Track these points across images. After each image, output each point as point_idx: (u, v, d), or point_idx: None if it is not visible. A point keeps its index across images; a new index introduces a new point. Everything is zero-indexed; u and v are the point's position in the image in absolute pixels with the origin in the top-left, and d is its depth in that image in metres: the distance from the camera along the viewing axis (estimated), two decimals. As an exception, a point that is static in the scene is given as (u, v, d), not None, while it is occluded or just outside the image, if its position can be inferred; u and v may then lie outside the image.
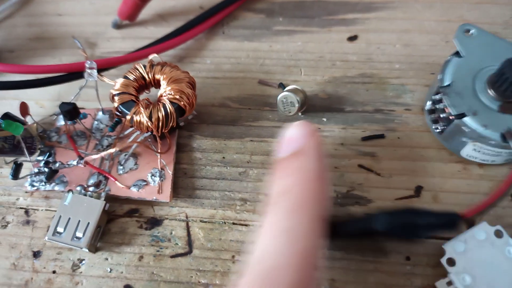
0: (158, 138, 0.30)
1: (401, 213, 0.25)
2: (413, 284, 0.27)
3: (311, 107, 0.33)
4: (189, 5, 0.40)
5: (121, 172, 0.31)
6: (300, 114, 0.32)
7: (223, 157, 0.31)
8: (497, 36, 0.30)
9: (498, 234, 0.27)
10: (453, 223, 0.25)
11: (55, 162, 0.31)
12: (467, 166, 0.30)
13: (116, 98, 0.30)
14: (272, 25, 0.38)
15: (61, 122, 0.33)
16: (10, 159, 0.31)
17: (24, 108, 0.30)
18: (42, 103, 0.35)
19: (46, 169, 0.30)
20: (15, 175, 0.30)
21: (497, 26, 0.36)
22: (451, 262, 0.26)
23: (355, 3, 0.38)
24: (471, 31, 0.30)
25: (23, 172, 0.30)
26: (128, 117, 0.29)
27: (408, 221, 0.25)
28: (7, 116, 0.30)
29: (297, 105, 0.31)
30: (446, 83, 0.29)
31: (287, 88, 0.32)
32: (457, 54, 0.30)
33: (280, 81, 0.34)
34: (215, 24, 0.38)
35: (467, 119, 0.27)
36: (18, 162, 0.30)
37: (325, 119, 0.32)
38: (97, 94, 0.32)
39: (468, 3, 0.38)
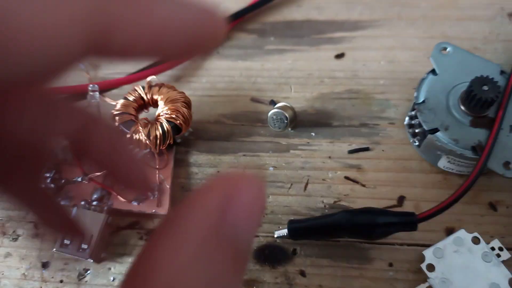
0: (156, 155, 0.32)
1: (361, 212, 0.27)
2: (396, 289, 0.28)
3: (300, 122, 0.35)
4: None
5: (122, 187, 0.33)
6: (290, 129, 0.34)
7: (218, 171, 0.34)
8: (472, 53, 0.32)
9: (475, 241, 0.29)
10: (410, 222, 0.27)
11: (61, 178, 0.33)
12: (447, 177, 0.32)
13: (116, 118, 0.32)
14: (264, 44, 0.40)
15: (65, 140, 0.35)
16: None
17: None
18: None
19: (53, 185, 0.33)
20: (24, 191, 0.32)
21: (477, 41, 0.38)
22: (431, 267, 0.28)
23: (341, 22, 0.40)
24: (447, 49, 0.32)
25: (32, 188, 0.32)
26: (128, 136, 0.32)
27: (368, 220, 0.27)
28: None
29: (286, 121, 0.33)
30: (420, 100, 0.31)
31: (277, 105, 0.34)
32: (433, 71, 0.32)
33: (271, 98, 0.36)
34: (210, 45, 0.40)
35: (439, 134, 0.29)
36: (27, 180, 0.32)
37: (313, 134, 0.34)
38: (99, 114, 0.34)
39: (449, 20, 0.40)
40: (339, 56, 0.38)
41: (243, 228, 0.15)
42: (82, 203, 0.32)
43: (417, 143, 0.32)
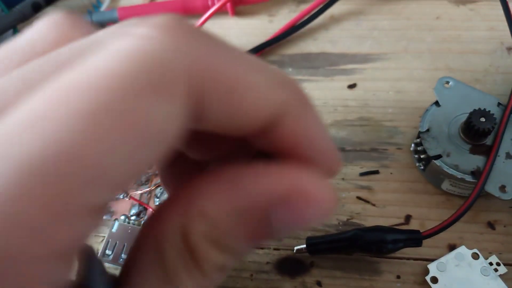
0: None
1: (372, 230, 0.31)
2: (403, 299, 0.32)
3: (317, 147, 0.39)
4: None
5: (157, 203, 0.37)
6: None
7: None
8: (472, 87, 0.36)
9: (475, 256, 0.32)
10: (416, 239, 0.31)
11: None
12: (450, 198, 0.35)
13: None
14: (282, 75, 0.44)
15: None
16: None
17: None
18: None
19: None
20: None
21: (478, 73, 0.42)
22: (435, 279, 0.31)
23: (353, 55, 0.44)
24: (449, 83, 0.36)
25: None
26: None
27: (378, 237, 0.31)
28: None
29: None
30: (425, 129, 0.34)
31: None
32: (436, 103, 0.36)
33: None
34: (234, 75, 0.44)
35: (442, 160, 0.33)
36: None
37: (328, 157, 0.38)
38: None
39: (452, 53, 0.43)
40: (351, 86, 0.42)
41: (280, 230, 0.17)
42: (122, 217, 0.36)
43: (422, 167, 0.36)
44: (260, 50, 0.44)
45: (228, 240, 0.17)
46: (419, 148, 0.35)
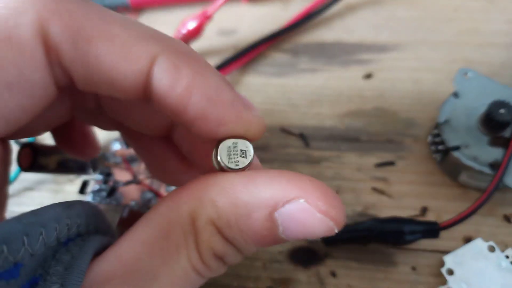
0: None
1: (389, 221, 0.31)
2: (418, 291, 0.31)
3: (331, 137, 0.38)
4: (223, 45, 0.46)
5: (168, 190, 0.36)
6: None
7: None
8: (491, 79, 0.35)
9: (491, 249, 0.31)
10: (433, 230, 0.30)
11: (115, 181, 0.36)
12: (466, 191, 0.35)
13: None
14: (297, 63, 0.43)
15: (116, 146, 0.39)
16: (73, 177, 0.37)
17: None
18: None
19: (106, 186, 0.36)
20: (82, 190, 0.35)
21: (495, 66, 0.41)
22: (450, 272, 0.31)
23: (369, 44, 0.44)
24: (468, 74, 0.35)
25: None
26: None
27: (396, 228, 0.31)
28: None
29: (251, 155, 0.20)
30: (443, 120, 0.34)
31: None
32: (455, 94, 0.35)
33: (304, 114, 0.39)
34: (247, 62, 0.43)
35: (460, 151, 0.32)
36: (86, 181, 0.35)
37: (343, 148, 0.38)
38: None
39: (470, 45, 0.43)
40: (367, 76, 0.41)
41: (286, 234, 0.18)
42: (132, 203, 0.35)
43: (439, 159, 0.35)
44: (273, 38, 0.44)
45: (232, 232, 0.18)
46: (436, 140, 0.35)
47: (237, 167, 0.19)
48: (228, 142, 0.19)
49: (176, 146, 0.26)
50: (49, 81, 0.17)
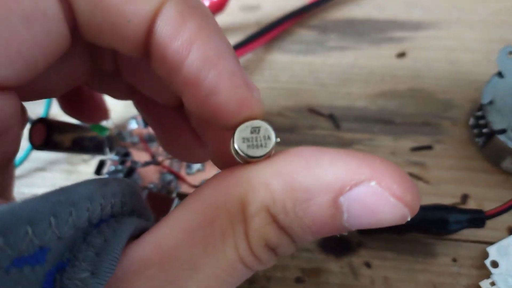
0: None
1: (432, 209, 0.28)
2: (459, 283, 0.29)
3: (363, 118, 0.36)
4: (246, 21, 0.43)
5: (189, 172, 0.34)
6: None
7: (277, 142, 0.34)
8: (540, 58, 0.33)
9: (540, 240, 0.29)
10: (479, 219, 0.28)
11: (133, 161, 0.34)
12: (509, 178, 0.32)
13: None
14: (325, 41, 0.41)
15: (133, 125, 0.37)
16: (87, 157, 0.35)
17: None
18: (116, 108, 0.39)
19: (123, 167, 0.34)
20: (99, 171, 0.33)
21: (537, 47, 0.38)
22: (495, 264, 0.29)
23: (402, 22, 0.41)
24: (514, 53, 0.33)
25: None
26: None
27: (439, 216, 0.28)
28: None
29: (273, 139, 0.17)
30: (487, 101, 0.31)
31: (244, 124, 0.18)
32: (499, 74, 0.33)
33: (333, 93, 0.37)
34: (271, 39, 0.41)
35: (506, 135, 0.30)
36: (102, 161, 0.33)
37: (375, 130, 0.35)
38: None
39: (508, 25, 0.40)
40: (401, 55, 0.39)
41: (351, 223, 0.16)
42: (151, 185, 0.33)
43: (481, 143, 0.33)
44: (300, 14, 0.41)
45: (288, 219, 0.15)
46: (480, 122, 0.32)
47: (257, 156, 0.17)
48: (243, 126, 0.17)
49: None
50: (62, 18, 0.16)
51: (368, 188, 0.14)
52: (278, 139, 0.17)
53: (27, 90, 0.18)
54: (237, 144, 0.17)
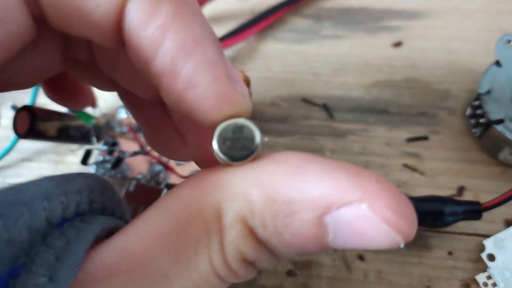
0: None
1: (427, 200, 0.27)
2: (455, 277, 0.28)
3: (358, 108, 0.35)
4: (239, 10, 0.42)
5: (178, 163, 0.33)
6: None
7: (265, 141, 0.33)
8: (539, 47, 0.32)
9: (537, 233, 0.28)
10: (475, 211, 0.27)
11: (121, 151, 0.33)
12: (506, 169, 0.32)
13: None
14: (319, 30, 0.40)
15: (122, 114, 0.36)
16: (75, 147, 0.34)
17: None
18: (105, 97, 0.38)
19: (110, 157, 0.33)
20: (85, 161, 0.32)
21: (536, 36, 0.38)
22: (491, 257, 0.28)
23: (398, 11, 0.40)
24: (511, 42, 0.32)
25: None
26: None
27: (435, 208, 0.27)
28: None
29: (258, 141, 0.15)
30: (485, 90, 0.31)
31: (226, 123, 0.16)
32: (497, 63, 0.32)
33: (327, 83, 0.36)
34: (265, 28, 0.40)
35: (504, 125, 0.29)
36: (89, 150, 0.32)
37: (370, 120, 0.34)
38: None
39: (507, 14, 0.39)
40: (397, 44, 0.38)
41: (336, 243, 0.14)
42: (140, 176, 0.32)
43: (478, 134, 0.32)
44: (294, 2, 0.40)
45: (267, 233, 0.14)
46: (477, 112, 0.31)
47: (238, 159, 0.15)
48: (224, 125, 0.15)
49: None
50: (22, 6, 0.15)
51: (358, 211, 0.13)
52: (266, 139, 0.16)
53: None
54: (217, 145, 0.15)
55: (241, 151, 0.15)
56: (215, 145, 0.15)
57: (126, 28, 0.15)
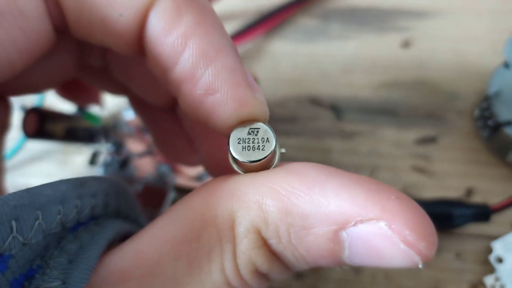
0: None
1: (437, 203, 0.27)
2: (462, 279, 0.28)
3: (365, 109, 0.35)
4: (247, 9, 0.42)
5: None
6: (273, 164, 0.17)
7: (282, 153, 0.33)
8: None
9: (546, 236, 0.28)
10: (484, 214, 0.27)
11: (129, 152, 0.33)
12: (516, 171, 0.32)
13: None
14: (327, 30, 0.40)
15: (129, 115, 0.36)
16: (82, 148, 0.34)
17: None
18: (112, 97, 0.38)
19: (118, 158, 0.33)
20: (93, 161, 0.32)
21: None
22: (499, 259, 0.28)
23: (406, 11, 0.40)
24: (522, 43, 0.32)
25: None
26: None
27: (444, 211, 0.27)
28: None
29: (273, 143, 0.16)
30: (493, 92, 0.31)
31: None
32: (506, 64, 0.32)
33: (335, 84, 0.36)
34: (272, 28, 0.40)
35: (513, 127, 0.29)
36: (97, 151, 0.32)
37: (378, 121, 0.34)
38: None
39: (517, 14, 0.39)
40: (405, 45, 0.38)
41: (352, 260, 0.14)
42: (147, 177, 0.32)
43: (486, 135, 0.32)
44: (301, 2, 0.40)
45: (281, 245, 0.14)
46: (485, 114, 0.31)
47: (253, 160, 0.15)
48: (241, 126, 0.15)
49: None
50: (44, 15, 0.15)
51: (375, 228, 0.13)
52: (283, 150, 0.16)
53: (9, 86, 0.17)
54: (232, 145, 0.15)
55: (255, 152, 0.15)
56: (230, 144, 0.15)
57: (147, 36, 0.15)
